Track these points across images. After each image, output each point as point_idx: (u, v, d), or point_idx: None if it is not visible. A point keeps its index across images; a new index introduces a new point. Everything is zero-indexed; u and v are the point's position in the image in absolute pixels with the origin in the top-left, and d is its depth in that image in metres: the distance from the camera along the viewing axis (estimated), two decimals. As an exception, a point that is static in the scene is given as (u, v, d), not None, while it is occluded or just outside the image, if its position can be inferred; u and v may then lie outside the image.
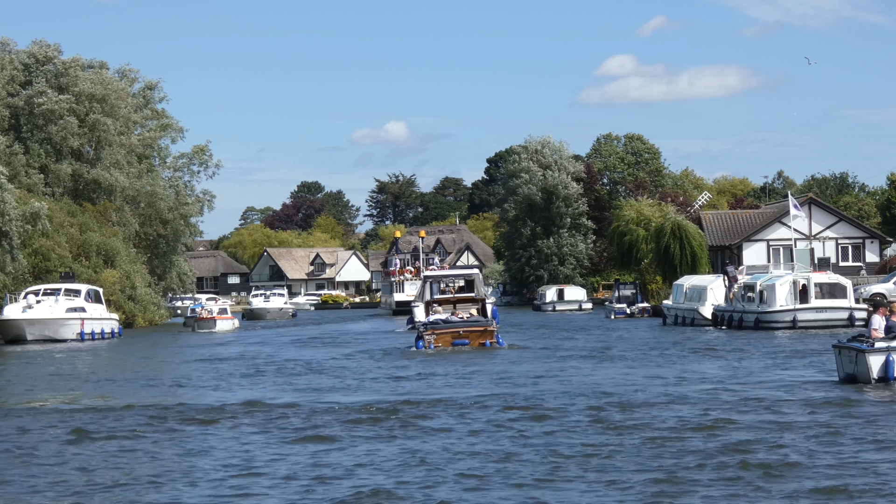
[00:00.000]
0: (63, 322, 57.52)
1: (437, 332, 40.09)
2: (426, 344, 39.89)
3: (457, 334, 40.24)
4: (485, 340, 40.16)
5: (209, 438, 19.98)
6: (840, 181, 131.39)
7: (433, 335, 39.99)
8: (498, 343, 40.48)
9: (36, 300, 57.37)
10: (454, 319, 41.45)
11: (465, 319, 41.55)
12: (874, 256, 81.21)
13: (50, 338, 56.53)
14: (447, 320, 41.31)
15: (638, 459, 16.49)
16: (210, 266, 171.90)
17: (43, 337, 56.44)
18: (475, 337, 40.24)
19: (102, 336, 59.46)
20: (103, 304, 62.49)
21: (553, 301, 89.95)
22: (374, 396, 25.78)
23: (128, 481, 16.10)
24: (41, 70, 76.96)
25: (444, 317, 41.87)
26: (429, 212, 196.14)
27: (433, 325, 40.73)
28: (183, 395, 28.05)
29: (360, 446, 18.64)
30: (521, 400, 23.92)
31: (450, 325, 40.76)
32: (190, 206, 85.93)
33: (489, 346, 39.91)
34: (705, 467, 15.75)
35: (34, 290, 58.72)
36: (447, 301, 44.64)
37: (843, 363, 25.37)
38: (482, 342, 40.12)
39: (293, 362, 38.27)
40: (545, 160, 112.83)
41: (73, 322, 57.90)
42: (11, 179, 67.14)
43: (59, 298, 58.51)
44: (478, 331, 40.46)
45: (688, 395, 24.06)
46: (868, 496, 13.85)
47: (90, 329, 58.59)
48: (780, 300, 48.46)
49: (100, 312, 60.96)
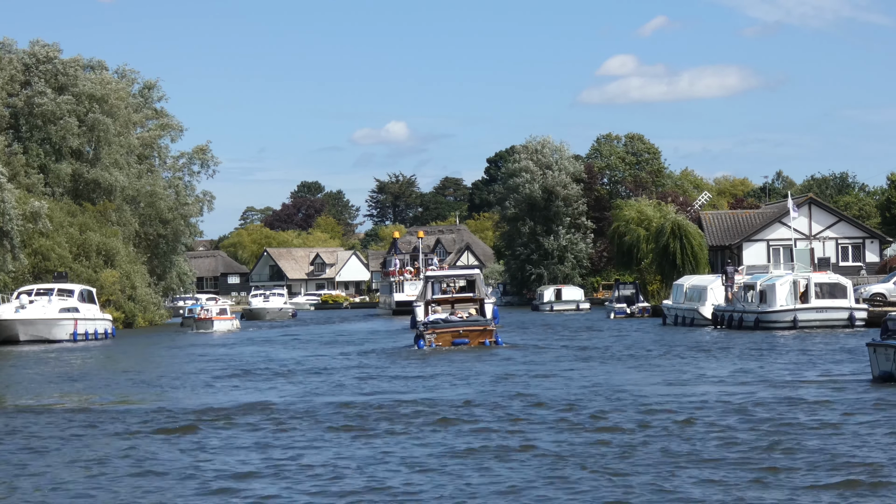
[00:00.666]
0: (56, 322, 56.75)
1: (437, 332, 40.75)
2: (427, 343, 40.53)
3: (457, 333, 40.86)
4: (484, 339, 40.80)
5: (198, 443, 19.96)
6: (840, 181, 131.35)
7: (433, 334, 40.64)
8: (497, 342, 41.00)
9: (29, 300, 56.51)
10: (454, 319, 42.03)
11: (465, 319, 42.09)
12: (874, 256, 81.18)
13: (43, 338, 55.79)
14: (447, 320, 41.89)
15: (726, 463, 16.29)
16: (210, 266, 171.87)
17: (36, 337, 55.75)
18: (475, 336, 40.86)
19: (96, 336, 58.57)
20: (97, 305, 61.68)
21: (551, 301, 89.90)
22: (374, 396, 25.76)
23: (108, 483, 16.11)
24: (41, 70, 76.85)
25: (444, 316, 42.42)
26: (429, 212, 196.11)
27: (433, 325, 41.28)
28: (175, 396, 28.04)
29: (355, 443, 18.63)
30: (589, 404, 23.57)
31: (450, 324, 41.41)
32: (190, 206, 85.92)
33: (489, 346, 40.46)
34: (777, 471, 15.56)
35: (27, 290, 57.92)
36: (446, 301, 45.14)
37: (878, 361, 25.33)
38: (482, 341, 40.73)
39: (292, 362, 38.23)
40: (545, 160, 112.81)
41: (66, 322, 57.12)
42: (11, 179, 67.11)
43: (53, 299, 57.61)
44: (477, 330, 41.08)
45: (734, 395, 23.83)
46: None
47: (83, 329, 57.83)
48: (780, 300, 48.42)
49: (93, 313, 60.15)
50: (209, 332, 66.17)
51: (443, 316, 42.49)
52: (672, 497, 14.12)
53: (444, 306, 44.20)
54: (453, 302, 44.85)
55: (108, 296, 70.88)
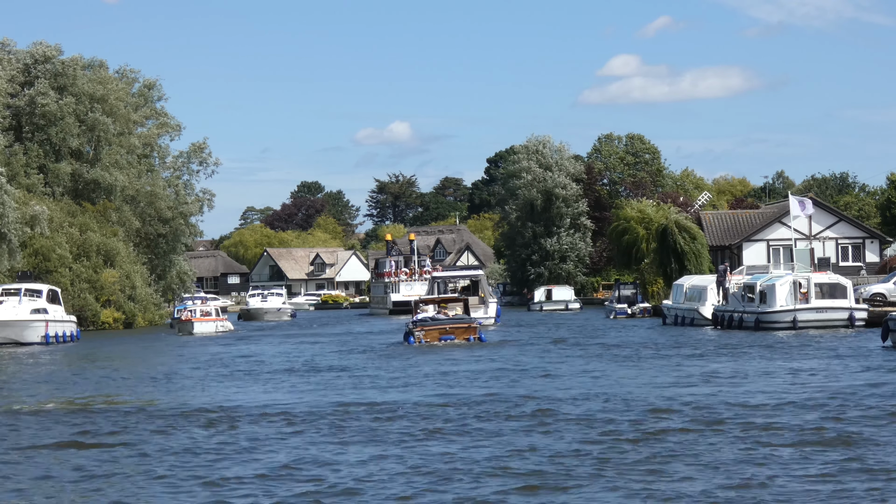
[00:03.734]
0: (28, 324, 53.08)
1: (425, 329, 43.92)
2: (416, 339, 43.69)
3: (443, 330, 44.00)
4: (468, 336, 43.89)
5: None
6: (840, 181, 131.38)
7: (422, 331, 43.79)
8: (481, 339, 44.08)
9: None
10: (441, 317, 45.55)
11: (451, 317, 45.62)
12: (874, 256, 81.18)
13: (14, 340, 52.38)
14: (434, 318, 45.36)
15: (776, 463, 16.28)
16: (210, 266, 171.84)
17: (7, 340, 52.29)
18: (460, 333, 43.97)
19: (65, 339, 54.77)
20: (62, 306, 57.70)
21: (541, 301, 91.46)
22: (373, 394, 25.81)
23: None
24: (41, 70, 76.82)
25: (432, 315, 45.97)
26: (429, 212, 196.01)
27: (422, 323, 44.59)
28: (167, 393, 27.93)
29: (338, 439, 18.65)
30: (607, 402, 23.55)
31: (437, 322, 44.73)
32: (190, 205, 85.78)
33: (472, 342, 43.44)
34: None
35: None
36: (434, 301, 49.14)
37: None
38: (466, 338, 43.82)
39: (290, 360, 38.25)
40: (545, 161, 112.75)
41: (37, 324, 53.42)
42: (11, 180, 67.14)
43: (22, 299, 53.86)
44: (462, 327, 44.30)
45: (788, 395, 23.72)
46: None
47: (54, 332, 54.09)
48: (781, 300, 48.38)
49: (60, 314, 56.11)
50: (191, 334, 61.66)
51: (430, 315, 45.82)
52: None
53: (433, 305, 47.86)
54: (440, 302, 48.62)
55: (108, 296, 70.90)
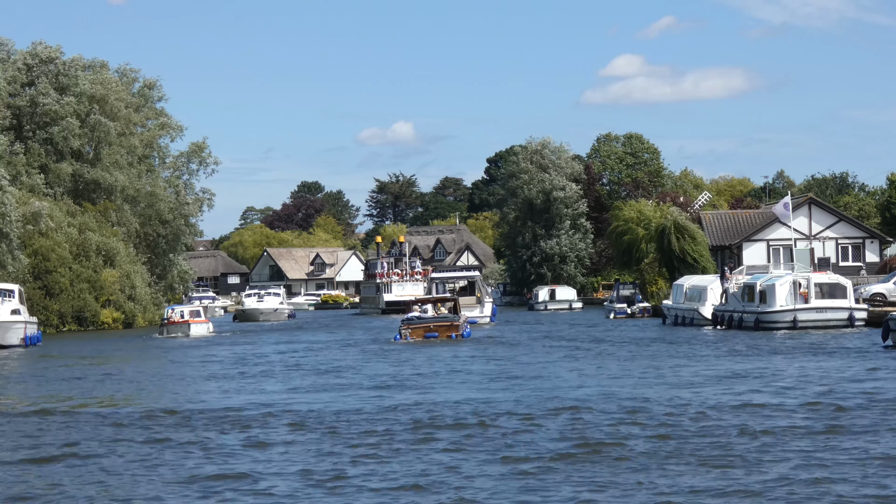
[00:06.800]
0: (9, 326, 50.45)
1: (411, 327, 47.14)
2: (402, 337, 46.87)
3: (428, 328, 47.17)
4: (451, 333, 46.83)
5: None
6: (840, 181, 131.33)
7: (408, 329, 46.97)
8: (463, 336, 47.33)
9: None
10: (426, 316, 49.09)
11: (436, 316, 49.17)
12: (874, 256, 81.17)
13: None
14: (420, 317, 48.70)
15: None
16: (210, 266, 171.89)
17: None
18: (443, 330, 47.08)
19: (35, 341, 51.95)
20: (25, 306, 54.05)
21: (545, 301, 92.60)
22: (371, 391, 25.87)
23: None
24: (42, 70, 76.84)
25: (418, 314, 49.32)
26: (429, 212, 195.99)
27: (408, 321, 47.89)
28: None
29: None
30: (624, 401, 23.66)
31: (423, 320, 48.09)
32: (190, 205, 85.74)
33: (455, 339, 46.44)
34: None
35: None
36: (430, 300, 53.28)
37: None
38: (449, 335, 46.79)
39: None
40: (544, 161, 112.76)
41: (18, 326, 50.87)
42: (13, 180, 67.17)
43: (5, 301, 51.38)
44: (445, 325, 47.46)
45: (788, 395, 23.76)
46: None
47: (31, 333, 51.80)
48: (781, 300, 48.37)
49: (27, 315, 53.09)
50: (166, 337, 58.45)
51: (417, 314, 49.20)
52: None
53: (430, 304, 51.58)
54: (429, 301, 52.61)
55: (107, 296, 70.93)
